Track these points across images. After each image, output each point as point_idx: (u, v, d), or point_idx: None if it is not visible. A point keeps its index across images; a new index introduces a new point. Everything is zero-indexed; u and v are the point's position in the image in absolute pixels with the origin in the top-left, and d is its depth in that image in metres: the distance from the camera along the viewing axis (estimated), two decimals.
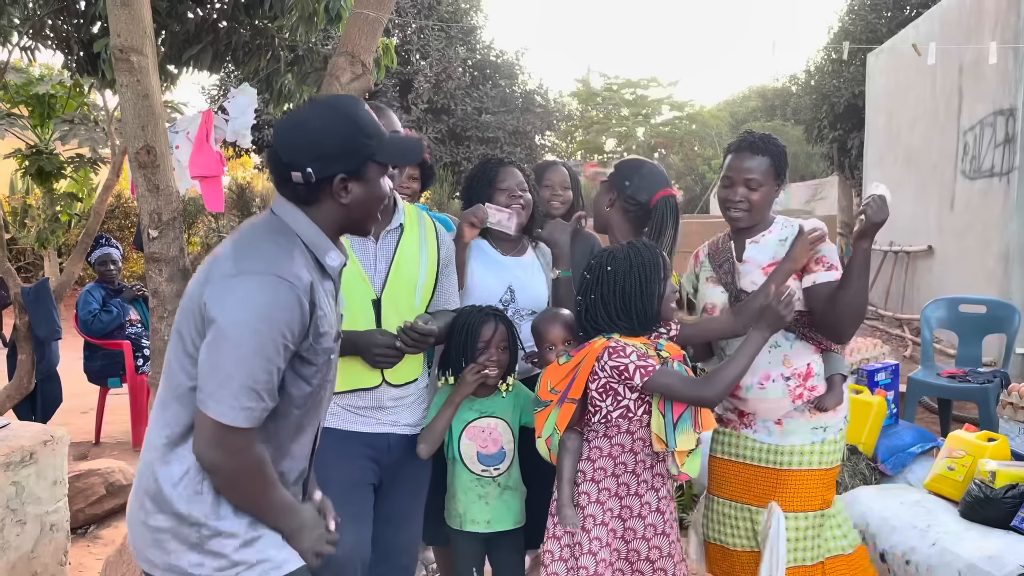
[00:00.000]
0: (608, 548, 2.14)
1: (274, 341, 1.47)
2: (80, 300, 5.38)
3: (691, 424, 2.09)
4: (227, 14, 4.53)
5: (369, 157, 1.59)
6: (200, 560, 1.54)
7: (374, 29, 3.17)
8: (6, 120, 6.57)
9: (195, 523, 1.54)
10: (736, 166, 2.40)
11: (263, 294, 1.47)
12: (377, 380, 2.22)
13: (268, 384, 1.49)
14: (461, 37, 15.63)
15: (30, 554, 3.07)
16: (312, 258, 1.60)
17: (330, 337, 1.63)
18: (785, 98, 20.07)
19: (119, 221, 12.56)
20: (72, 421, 5.56)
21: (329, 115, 1.59)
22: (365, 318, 2.18)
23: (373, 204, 1.64)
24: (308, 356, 1.57)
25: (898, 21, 12.13)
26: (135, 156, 2.89)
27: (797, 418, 2.42)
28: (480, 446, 2.38)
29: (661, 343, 2.20)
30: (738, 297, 2.41)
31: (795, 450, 2.41)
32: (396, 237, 2.27)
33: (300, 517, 1.64)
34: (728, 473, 2.52)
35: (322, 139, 1.56)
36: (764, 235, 2.45)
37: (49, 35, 4.67)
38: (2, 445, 3.01)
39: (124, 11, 2.81)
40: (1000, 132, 6.70)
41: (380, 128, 1.63)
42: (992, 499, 2.89)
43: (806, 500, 2.42)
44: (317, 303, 1.55)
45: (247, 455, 1.51)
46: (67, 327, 5.33)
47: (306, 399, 1.62)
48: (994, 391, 4.33)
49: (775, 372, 2.39)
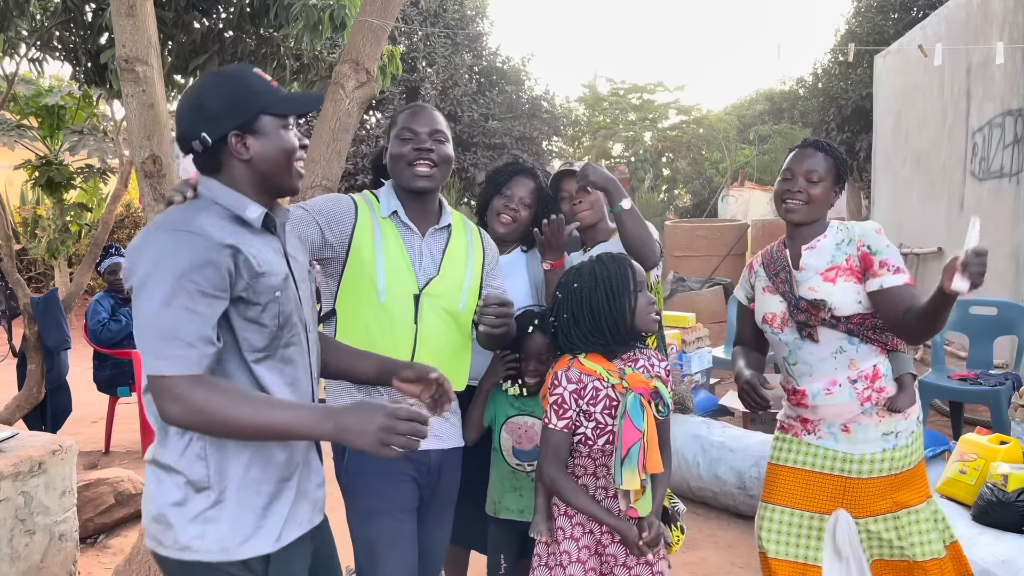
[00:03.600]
0: (581, 565, 2.11)
1: (185, 289, 1.47)
2: (89, 310, 5.40)
3: (637, 462, 2.00)
4: (233, 23, 4.55)
5: (260, 110, 1.61)
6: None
7: (378, 36, 3.18)
8: (16, 131, 6.62)
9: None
10: (798, 160, 2.37)
11: (164, 247, 1.50)
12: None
13: (194, 332, 1.47)
14: (467, 44, 15.66)
15: (39, 564, 3.07)
16: (233, 217, 1.61)
17: (274, 276, 1.61)
18: (792, 101, 20.02)
19: (128, 231, 12.60)
20: (82, 430, 5.58)
21: (212, 80, 1.64)
22: (403, 312, 2.10)
23: (279, 156, 1.64)
24: (249, 296, 1.56)
25: (905, 22, 12.09)
26: (141, 166, 2.91)
27: (864, 422, 2.36)
28: (516, 441, 2.44)
29: (627, 370, 2.10)
30: (797, 305, 2.35)
31: (864, 459, 2.36)
32: (444, 237, 2.23)
33: (331, 413, 1.50)
34: (789, 480, 2.45)
35: (207, 103, 1.60)
36: (820, 240, 2.39)
37: (57, 46, 4.70)
38: (11, 455, 3.02)
39: (129, 22, 2.83)
40: (1009, 133, 6.66)
41: (269, 84, 1.66)
42: (1005, 503, 2.87)
43: (873, 505, 2.37)
44: (240, 248, 1.56)
45: (192, 399, 1.46)
46: (76, 337, 5.35)
47: (268, 342, 1.61)
48: (1006, 393, 4.29)
49: (841, 376, 2.33)
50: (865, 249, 2.32)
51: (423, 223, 2.19)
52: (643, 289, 2.11)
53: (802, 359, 2.38)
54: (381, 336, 2.07)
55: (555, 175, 2.72)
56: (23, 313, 4.98)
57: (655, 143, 22.67)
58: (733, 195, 18.98)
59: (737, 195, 18.80)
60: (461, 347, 2.22)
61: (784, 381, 2.48)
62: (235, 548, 1.57)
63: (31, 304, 4.93)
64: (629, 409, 2.02)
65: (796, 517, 2.43)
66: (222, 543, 1.57)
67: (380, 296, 2.07)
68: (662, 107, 23.15)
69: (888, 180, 9.94)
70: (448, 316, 2.16)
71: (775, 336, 2.44)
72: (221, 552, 1.57)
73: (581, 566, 2.10)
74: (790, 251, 2.44)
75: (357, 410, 1.49)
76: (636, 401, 2.03)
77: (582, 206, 2.63)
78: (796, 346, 2.38)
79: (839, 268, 2.33)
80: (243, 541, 1.58)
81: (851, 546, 2.34)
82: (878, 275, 2.29)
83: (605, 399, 2.08)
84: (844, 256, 2.34)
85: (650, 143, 22.55)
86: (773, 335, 2.45)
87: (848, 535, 2.34)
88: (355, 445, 1.47)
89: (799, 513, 2.43)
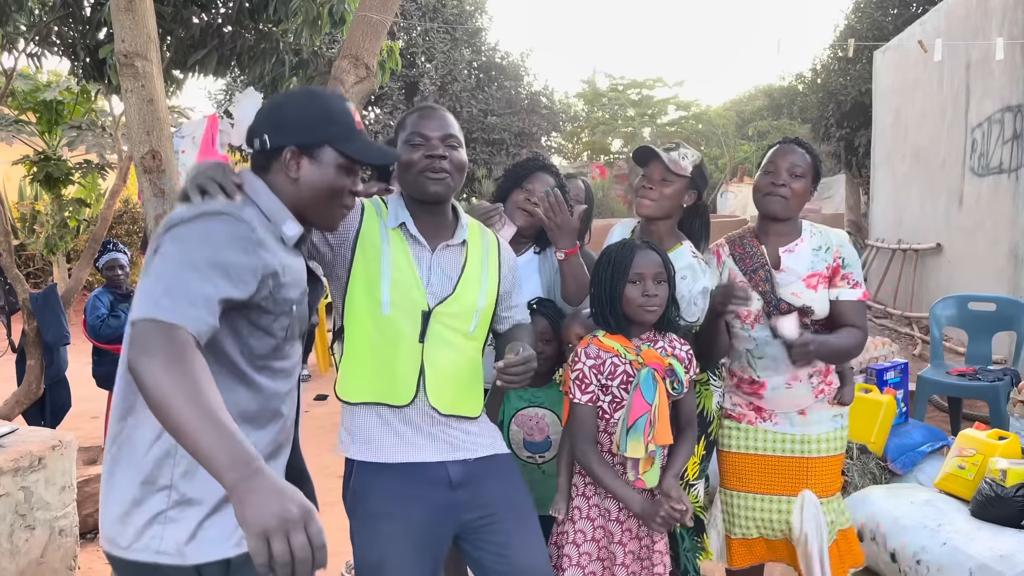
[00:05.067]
0: (592, 543, 2.18)
1: (209, 259, 1.39)
2: (88, 305, 5.39)
3: (643, 433, 2.05)
4: (232, 19, 4.55)
5: (327, 140, 1.60)
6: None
7: (378, 32, 3.17)
8: (14, 127, 6.61)
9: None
10: (781, 155, 2.41)
11: (205, 223, 1.45)
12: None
13: (202, 297, 1.35)
14: (466, 39, 15.64)
15: (39, 559, 3.08)
16: (270, 224, 1.57)
17: (294, 290, 1.58)
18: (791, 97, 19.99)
19: (127, 226, 12.60)
20: (81, 426, 5.58)
21: (302, 94, 1.67)
22: (409, 327, 1.95)
23: (324, 192, 1.62)
24: (266, 304, 1.51)
25: (904, 18, 12.07)
26: (140, 161, 2.90)
27: (818, 408, 2.50)
28: (527, 434, 2.44)
29: (643, 347, 2.15)
30: (777, 307, 2.39)
31: (821, 438, 2.50)
32: (459, 255, 2.05)
33: (249, 469, 1.17)
34: (747, 466, 2.55)
35: (284, 110, 1.62)
36: (797, 244, 2.45)
37: (55, 41, 4.70)
38: (11, 450, 3.02)
39: (128, 17, 2.82)
40: (1008, 128, 6.66)
41: (352, 121, 1.64)
42: (1003, 498, 2.87)
43: (832, 484, 2.53)
44: (276, 254, 1.52)
45: (162, 354, 1.26)
46: (75, 332, 5.34)
47: (270, 352, 1.57)
48: (1004, 389, 4.30)
49: (803, 372, 2.44)
50: (840, 260, 2.44)
51: (434, 237, 2.02)
52: (641, 281, 2.11)
53: (769, 355, 2.44)
54: (385, 352, 1.95)
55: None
56: (22, 309, 4.97)
57: (654, 138, 22.64)
58: (732, 191, 18.99)
59: (736, 191, 18.80)
60: (473, 370, 2.06)
61: (738, 370, 2.53)
62: (189, 551, 1.48)
63: (30, 299, 4.93)
64: (641, 382, 2.08)
65: (759, 501, 2.54)
66: (178, 545, 1.47)
67: (384, 309, 1.94)
68: (661, 103, 23.13)
69: (887, 176, 9.94)
70: (460, 337, 2.02)
71: (743, 331, 2.47)
72: (177, 555, 1.47)
73: (595, 544, 2.17)
74: (767, 249, 2.46)
75: (273, 489, 1.16)
76: (649, 375, 2.09)
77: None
78: (765, 342, 2.43)
79: (820, 276, 2.42)
80: (198, 543, 1.48)
81: (816, 525, 2.44)
82: (837, 286, 2.44)
83: (623, 374, 2.13)
84: (824, 264, 2.43)
85: (649, 138, 22.52)
86: (742, 330, 2.47)
87: (815, 514, 2.45)
88: (239, 516, 1.14)
89: (763, 497, 2.53)
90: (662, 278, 2.14)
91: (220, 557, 1.50)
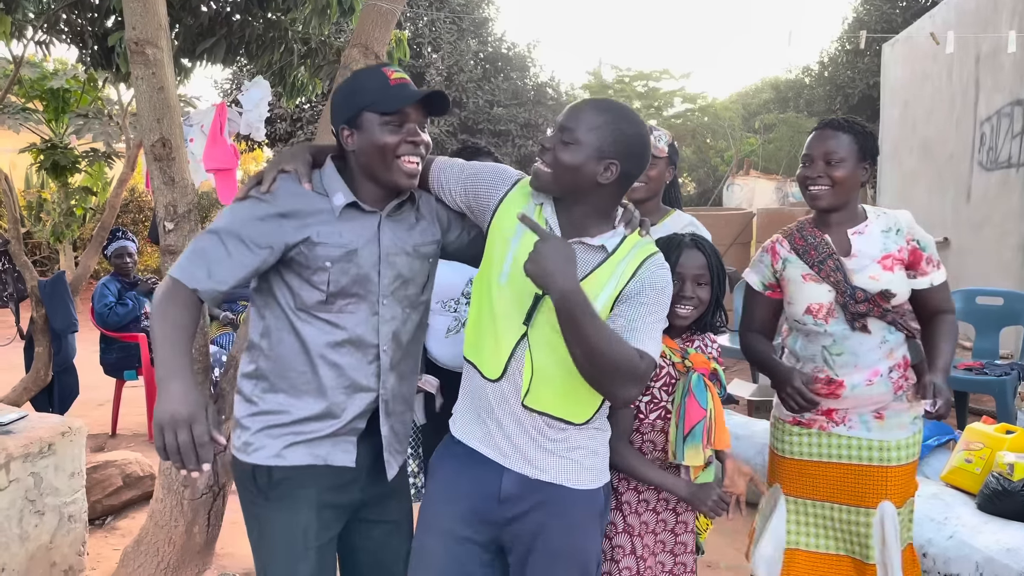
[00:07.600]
0: (652, 535, 2.13)
1: (229, 230, 1.72)
2: (96, 293, 5.41)
3: (701, 440, 2.00)
4: (240, 7, 4.54)
5: (362, 107, 1.76)
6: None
7: (388, 20, 3.16)
8: (21, 115, 6.60)
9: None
10: (816, 144, 2.28)
11: (235, 205, 1.79)
12: None
13: (216, 261, 1.69)
14: (473, 30, 15.59)
15: (48, 545, 3.10)
16: (324, 199, 1.81)
17: (333, 249, 1.77)
18: (798, 90, 19.93)
19: (133, 215, 12.62)
20: (88, 413, 5.60)
21: (346, 79, 1.88)
22: (518, 305, 1.82)
23: (375, 153, 1.77)
24: (300, 259, 1.76)
25: (913, 11, 12.03)
26: (150, 149, 2.90)
27: (897, 408, 2.33)
28: None
29: (689, 350, 2.09)
30: (853, 296, 2.24)
31: (900, 444, 2.32)
32: (594, 256, 1.84)
33: (177, 380, 1.58)
34: (819, 473, 2.38)
35: (334, 99, 1.85)
36: (866, 225, 2.31)
37: (63, 29, 4.69)
38: (21, 437, 3.03)
39: (139, 4, 2.82)
40: (1018, 123, 6.63)
41: (384, 81, 1.77)
42: (1010, 492, 2.88)
43: (908, 493, 2.37)
44: (305, 218, 1.76)
45: (158, 297, 1.71)
46: (83, 320, 5.37)
47: (320, 303, 1.79)
48: (1011, 383, 4.30)
49: (883, 367, 2.29)
50: (915, 244, 2.30)
51: (570, 233, 1.84)
52: (680, 281, 2.02)
53: (848, 350, 2.28)
54: (490, 319, 1.85)
55: None
56: (30, 296, 4.99)
57: None
58: (738, 184, 18.92)
59: (742, 184, 18.74)
60: (573, 372, 1.74)
61: (816, 371, 2.34)
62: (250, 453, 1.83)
63: (38, 287, 4.94)
64: (694, 388, 2.02)
65: (829, 510, 2.38)
66: (245, 445, 1.85)
67: (502, 278, 1.84)
68: (667, 95, 23.06)
69: (894, 169, 9.90)
70: (558, 336, 1.75)
71: (818, 327, 2.31)
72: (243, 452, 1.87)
73: (653, 536, 2.13)
74: (832, 238, 2.32)
75: (175, 394, 1.56)
76: (700, 381, 2.03)
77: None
78: (843, 337, 2.28)
79: (894, 257, 2.28)
80: (254, 448, 1.83)
81: (895, 539, 2.28)
82: (927, 272, 2.30)
83: (666, 376, 2.07)
84: (896, 246, 2.29)
85: None
86: (816, 326, 2.31)
87: (895, 527, 2.29)
88: (156, 414, 1.55)
89: (839, 507, 2.37)
90: (704, 280, 2.05)
91: (264, 464, 1.82)
